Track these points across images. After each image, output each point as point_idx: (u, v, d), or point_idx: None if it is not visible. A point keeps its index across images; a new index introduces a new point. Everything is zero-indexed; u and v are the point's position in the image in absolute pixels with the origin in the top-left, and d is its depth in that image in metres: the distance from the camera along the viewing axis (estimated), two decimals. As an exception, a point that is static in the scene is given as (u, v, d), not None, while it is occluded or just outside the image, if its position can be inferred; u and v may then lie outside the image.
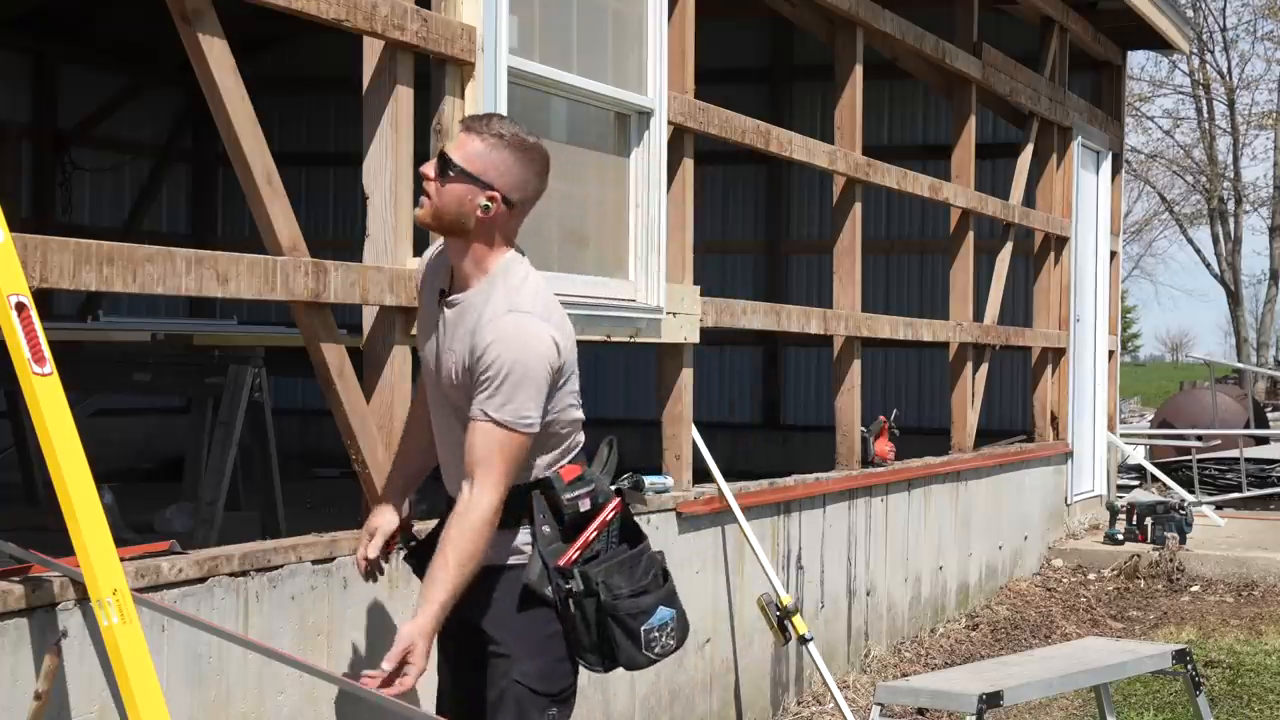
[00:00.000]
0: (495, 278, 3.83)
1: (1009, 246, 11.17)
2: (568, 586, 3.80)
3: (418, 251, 5.16)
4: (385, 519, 4.22)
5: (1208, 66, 35.07)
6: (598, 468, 4.04)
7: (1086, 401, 12.77)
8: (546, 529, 3.84)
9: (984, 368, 10.80)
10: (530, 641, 3.84)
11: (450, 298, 3.88)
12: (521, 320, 3.74)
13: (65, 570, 3.73)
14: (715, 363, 13.72)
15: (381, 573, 4.29)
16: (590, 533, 3.88)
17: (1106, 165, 13.16)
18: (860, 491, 8.39)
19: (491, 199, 3.80)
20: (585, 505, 3.89)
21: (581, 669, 3.96)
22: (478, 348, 3.72)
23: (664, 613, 3.90)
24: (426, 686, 4.28)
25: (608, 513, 3.93)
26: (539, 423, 3.75)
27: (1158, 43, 13.70)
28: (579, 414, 3.97)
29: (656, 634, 3.89)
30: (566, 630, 3.84)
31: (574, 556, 3.83)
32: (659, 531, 6.36)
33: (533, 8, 5.81)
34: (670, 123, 6.59)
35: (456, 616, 3.77)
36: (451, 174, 3.81)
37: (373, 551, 4.19)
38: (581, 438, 4.00)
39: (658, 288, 6.48)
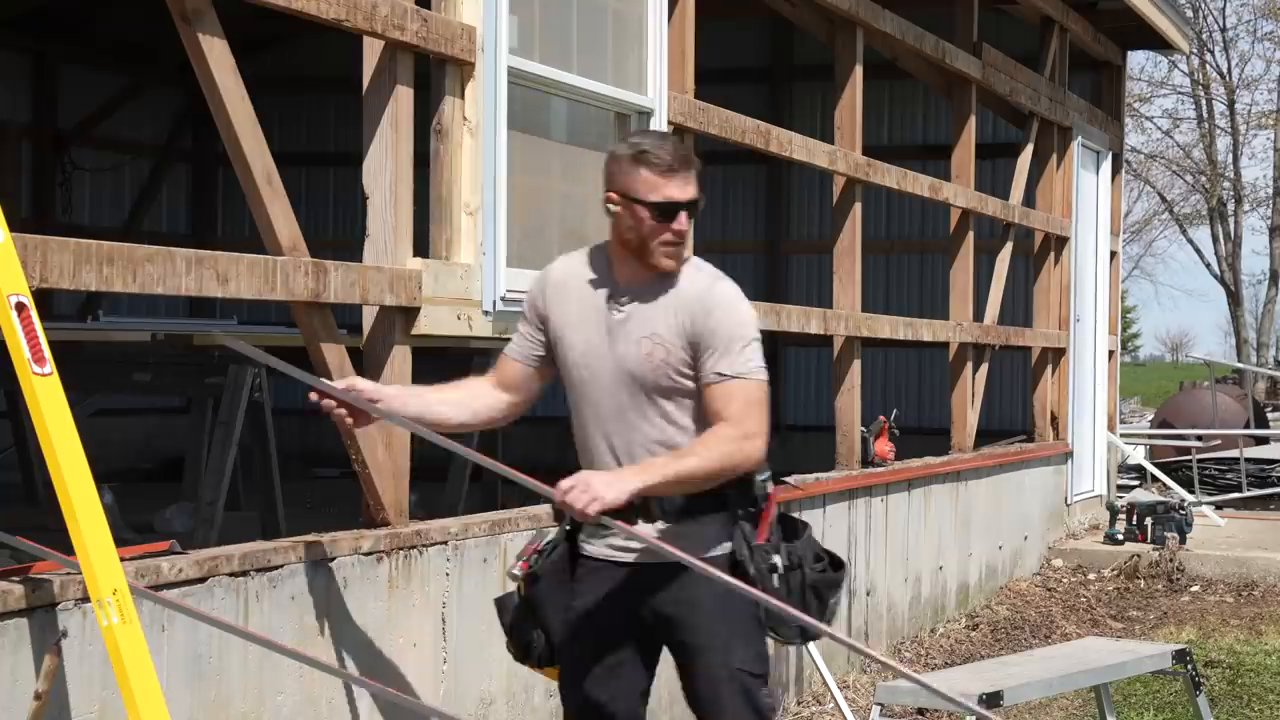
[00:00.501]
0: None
1: (1009, 246, 11.17)
2: (772, 561, 3.89)
3: (418, 251, 5.17)
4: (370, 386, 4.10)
5: (1207, 66, 35.06)
6: None
7: (1086, 401, 12.77)
8: (740, 511, 3.93)
9: (984, 368, 10.79)
10: (742, 628, 3.91)
11: (625, 298, 3.96)
12: (731, 287, 3.95)
13: (77, 566, 3.72)
14: (715, 362, 13.68)
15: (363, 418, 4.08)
16: (772, 514, 3.96)
17: (1106, 165, 13.16)
18: (860, 491, 8.38)
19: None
20: (770, 487, 4.00)
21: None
22: (708, 317, 3.85)
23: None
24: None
25: (777, 495, 4.04)
26: None
27: (1158, 43, 13.70)
28: None
29: (834, 605, 4.02)
30: (766, 607, 3.92)
31: (767, 535, 3.92)
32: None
33: (533, 8, 5.81)
34: (670, 123, 6.59)
35: (642, 613, 3.93)
36: (699, 208, 3.96)
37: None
38: None
39: (658, 288, 6.47)
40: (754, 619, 3.94)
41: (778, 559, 3.92)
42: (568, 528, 4.10)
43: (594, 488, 3.70)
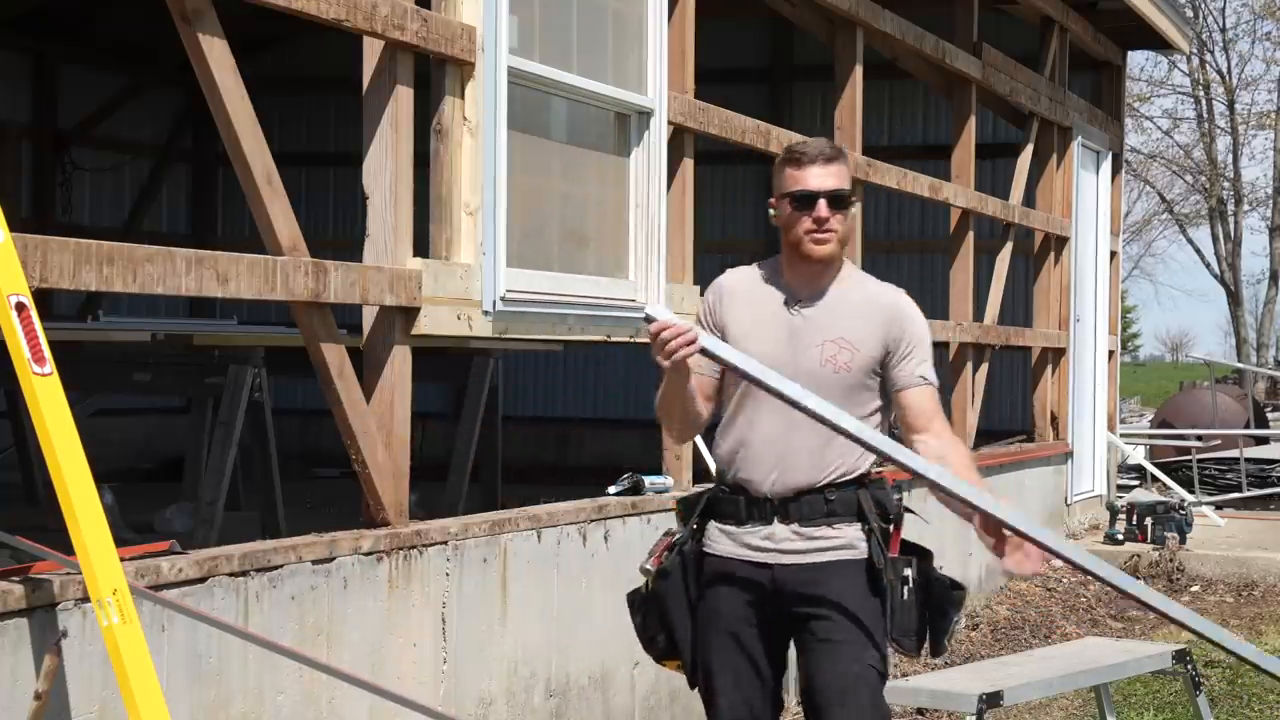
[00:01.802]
0: (844, 269, 4.16)
1: (1009, 246, 11.17)
2: (905, 574, 4.09)
3: (418, 251, 5.17)
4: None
5: (1207, 67, 35.05)
6: None
7: (1086, 401, 12.77)
8: (875, 523, 4.10)
9: (984, 368, 10.79)
10: (876, 629, 4.05)
11: (803, 302, 4.10)
12: (907, 297, 4.20)
13: (77, 566, 3.72)
14: (715, 363, 13.67)
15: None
16: (900, 533, 4.15)
17: (1106, 165, 13.16)
18: (860, 491, 8.37)
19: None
20: (902, 509, 4.20)
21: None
22: (904, 324, 4.11)
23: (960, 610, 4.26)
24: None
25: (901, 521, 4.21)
26: None
27: (1158, 43, 13.70)
28: None
29: (955, 624, 4.18)
30: (898, 617, 4.08)
31: (897, 550, 4.11)
32: (659, 531, 6.34)
33: (533, 8, 5.81)
34: (670, 123, 6.59)
35: (780, 610, 4.04)
36: (851, 202, 4.09)
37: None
38: None
39: (658, 288, 6.48)
40: (882, 625, 4.07)
41: (909, 571, 4.11)
42: (694, 525, 4.19)
43: (1026, 545, 4.06)
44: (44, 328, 3.63)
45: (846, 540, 4.07)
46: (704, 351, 3.93)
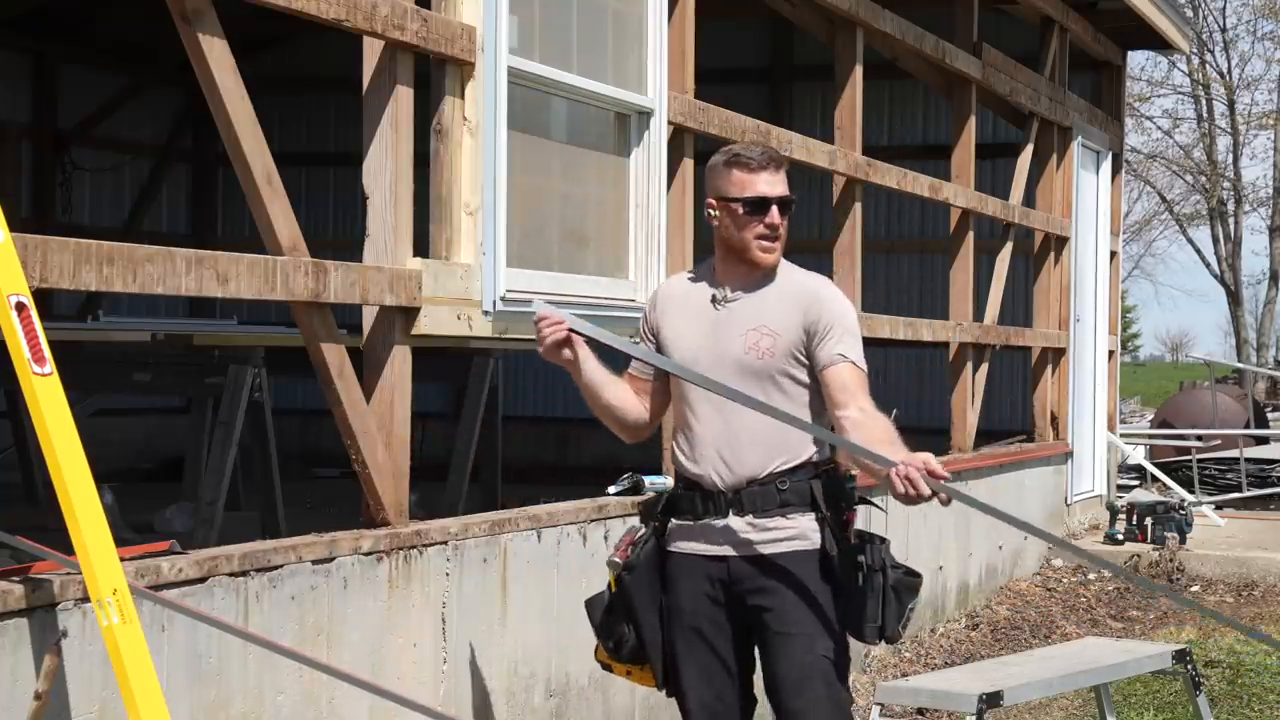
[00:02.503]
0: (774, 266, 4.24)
1: (1009, 246, 11.17)
2: (858, 560, 4.11)
3: (418, 251, 5.18)
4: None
5: (1207, 67, 35.05)
6: None
7: (1086, 401, 12.77)
8: (828, 512, 4.16)
9: (984, 368, 10.79)
10: (826, 620, 4.11)
11: (729, 297, 4.21)
12: (829, 283, 4.30)
13: (77, 566, 3.72)
14: (715, 363, 13.65)
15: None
16: (855, 518, 4.23)
17: (1106, 165, 13.16)
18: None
19: None
20: (854, 496, 4.25)
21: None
22: (821, 306, 4.16)
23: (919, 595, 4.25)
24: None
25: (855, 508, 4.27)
26: None
27: (1158, 43, 13.71)
28: None
29: (910, 611, 4.18)
30: (853, 605, 4.11)
31: (850, 538, 4.15)
32: (659, 531, 6.35)
33: (533, 8, 5.81)
34: (670, 123, 6.59)
35: (737, 604, 4.10)
36: (792, 207, 4.23)
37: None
38: None
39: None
40: (834, 614, 4.12)
41: (863, 559, 4.14)
42: (655, 524, 4.25)
43: (910, 472, 3.93)
44: (44, 328, 3.63)
45: (800, 531, 4.13)
46: (573, 331, 4.14)
